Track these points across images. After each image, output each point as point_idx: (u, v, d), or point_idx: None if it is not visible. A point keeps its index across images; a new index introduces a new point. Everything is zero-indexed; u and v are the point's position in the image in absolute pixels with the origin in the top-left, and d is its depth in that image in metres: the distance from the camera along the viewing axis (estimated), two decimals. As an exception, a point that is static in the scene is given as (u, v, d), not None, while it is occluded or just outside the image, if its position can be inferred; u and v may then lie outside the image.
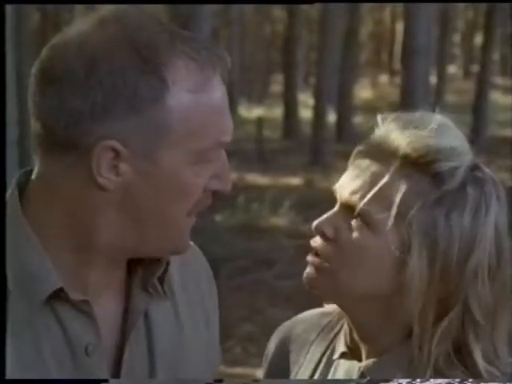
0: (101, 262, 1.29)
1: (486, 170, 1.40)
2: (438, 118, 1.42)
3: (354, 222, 1.39)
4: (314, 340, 1.55)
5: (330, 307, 1.57)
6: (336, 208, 1.44)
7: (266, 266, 9.23)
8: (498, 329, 1.39)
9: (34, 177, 1.29)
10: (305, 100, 23.44)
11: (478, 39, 29.64)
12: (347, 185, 1.41)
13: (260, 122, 18.49)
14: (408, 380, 1.36)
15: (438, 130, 1.39)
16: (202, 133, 1.22)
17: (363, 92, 29.72)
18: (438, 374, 1.36)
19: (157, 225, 1.26)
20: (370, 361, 1.42)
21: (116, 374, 1.31)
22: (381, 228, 1.36)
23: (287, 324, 1.61)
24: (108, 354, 1.31)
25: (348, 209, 1.40)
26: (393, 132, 1.40)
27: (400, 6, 21.36)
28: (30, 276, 1.24)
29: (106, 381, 1.25)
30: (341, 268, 1.39)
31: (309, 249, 1.45)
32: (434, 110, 1.46)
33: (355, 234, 1.38)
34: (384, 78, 36.89)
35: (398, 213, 1.35)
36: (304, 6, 24.35)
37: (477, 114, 19.18)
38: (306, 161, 16.70)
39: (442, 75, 23.15)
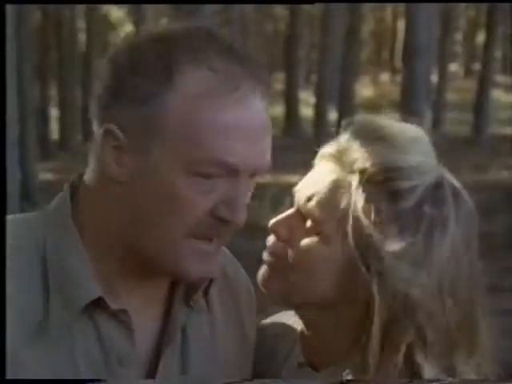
0: (136, 271, 1.28)
1: (452, 185, 1.36)
2: (408, 131, 1.38)
3: (306, 229, 1.38)
4: (275, 348, 1.52)
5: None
6: (293, 210, 1.43)
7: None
8: (460, 347, 1.34)
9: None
10: (306, 98, 23.44)
11: (480, 38, 29.64)
12: (305, 189, 1.40)
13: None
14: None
15: (403, 146, 1.35)
16: (196, 142, 1.18)
17: (364, 90, 29.70)
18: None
19: (154, 236, 1.22)
20: (327, 371, 1.40)
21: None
22: (331, 240, 1.35)
23: (258, 327, 1.56)
24: (142, 365, 1.30)
25: (303, 213, 1.40)
26: (355, 143, 1.37)
27: (401, 5, 21.34)
28: (71, 282, 1.25)
29: (105, 381, 1.25)
30: (290, 270, 1.38)
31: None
32: (435, 110, 1.43)
33: (306, 240, 1.37)
34: (385, 77, 36.87)
35: (350, 225, 1.32)
36: (305, 5, 24.32)
37: (478, 113, 19.17)
38: (306, 159, 16.67)
39: (443, 74, 23.11)
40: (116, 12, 27.57)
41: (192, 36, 1.23)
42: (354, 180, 1.34)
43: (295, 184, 1.48)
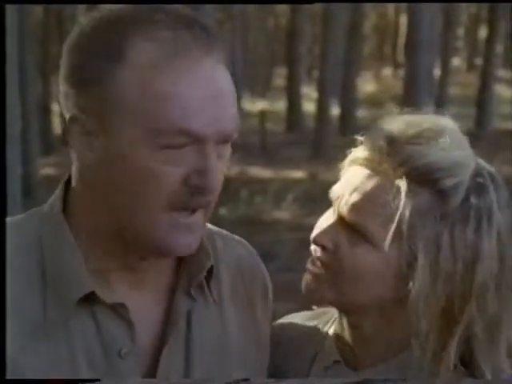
0: (130, 262, 1.29)
1: (489, 171, 1.38)
2: (443, 127, 1.38)
3: (354, 235, 1.37)
4: (300, 349, 1.52)
5: (317, 310, 1.56)
6: (334, 219, 1.41)
7: (268, 260, 9.22)
8: (501, 341, 1.37)
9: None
10: (308, 93, 23.43)
11: (482, 32, 29.59)
12: (346, 197, 1.39)
13: (263, 115, 18.48)
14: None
15: (443, 144, 1.36)
16: (157, 113, 1.18)
17: (367, 85, 29.68)
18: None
19: (133, 214, 1.23)
20: (366, 370, 1.41)
21: (151, 375, 1.30)
22: (382, 245, 1.35)
23: (273, 330, 1.54)
24: (144, 356, 1.30)
25: (347, 222, 1.38)
26: (395, 145, 1.36)
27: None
28: (65, 278, 1.25)
29: (98, 380, 1.25)
30: (340, 279, 1.38)
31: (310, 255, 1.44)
32: (437, 105, 1.44)
33: (356, 248, 1.37)
34: (387, 71, 36.82)
35: (400, 229, 1.33)
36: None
37: (480, 107, 19.15)
38: (309, 154, 16.68)
39: (445, 68, 23.09)
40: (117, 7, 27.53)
41: (140, 11, 1.24)
42: (402, 183, 1.33)
43: (297, 179, 1.47)
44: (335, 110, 19.46)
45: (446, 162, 1.34)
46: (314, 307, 1.57)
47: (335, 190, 1.42)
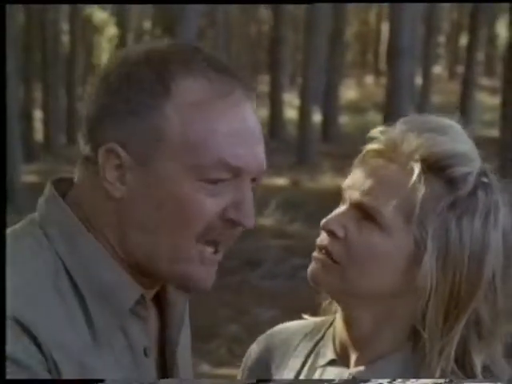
0: (141, 275, 1.29)
1: (492, 175, 1.42)
2: (450, 123, 1.43)
3: (365, 223, 1.39)
4: (294, 349, 1.53)
5: (311, 319, 1.57)
6: (345, 207, 1.43)
7: (251, 267, 9.23)
8: (499, 338, 1.39)
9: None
10: (290, 100, 23.47)
11: (463, 40, 29.75)
12: (358, 185, 1.41)
13: (246, 122, 18.45)
14: (388, 380, 1.36)
15: (453, 135, 1.40)
16: (199, 148, 1.22)
17: (349, 92, 29.77)
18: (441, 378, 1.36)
19: (161, 244, 1.24)
20: (362, 367, 1.42)
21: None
22: (393, 230, 1.37)
23: (266, 335, 1.59)
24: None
25: (358, 208, 1.40)
26: (410, 134, 1.40)
27: (385, 7, 21.40)
28: (110, 286, 1.26)
29: (102, 381, 1.25)
30: (349, 266, 1.39)
31: (316, 247, 1.45)
32: (418, 111, 1.47)
33: (366, 234, 1.39)
34: (369, 79, 36.96)
35: (412, 214, 1.36)
36: (290, 6, 24.36)
37: (462, 115, 19.24)
38: (291, 161, 16.71)
39: (427, 76, 23.21)
40: (99, 14, 27.50)
41: (181, 49, 1.28)
42: (416, 168, 1.37)
43: (280, 186, 1.48)
44: (317, 117, 19.52)
45: (457, 150, 1.38)
46: (306, 316, 1.57)
47: (347, 181, 1.44)
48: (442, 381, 1.35)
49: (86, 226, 1.27)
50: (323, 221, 1.43)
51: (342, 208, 1.43)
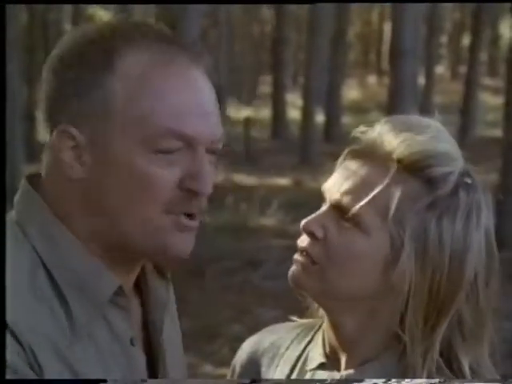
0: (118, 260, 1.29)
1: (475, 176, 1.40)
2: (431, 123, 1.42)
3: (344, 223, 1.38)
4: (284, 352, 1.53)
5: (299, 321, 1.56)
6: (325, 208, 1.43)
7: (253, 267, 9.22)
8: (484, 338, 1.39)
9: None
10: (293, 100, 23.45)
11: (466, 40, 29.72)
12: (338, 185, 1.41)
13: (248, 122, 18.49)
14: (383, 380, 1.36)
15: (433, 135, 1.39)
16: (147, 120, 1.22)
17: (351, 92, 29.74)
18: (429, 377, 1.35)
19: (131, 220, 1.24)
20: (351, 370, 1.41)
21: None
22: (372, 230, 1.36)
23: (254, 338, 1.59)
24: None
25: (338, 209, 1.40)
26: (388, 134, 1.39)
27: (388, 7, 21.39)
28: (87, 278, 1.25)
29: (105, 381, 1.25)
30: (329, 268, 1.39)
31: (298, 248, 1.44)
32: (421, 112, 1.46)
33: (345, 235, 1.38)
34: (372, 79, 36.93)
35: (389, 214, 1.35)
36: (292, 7, 24.36)
37: (465, 115, 19.23)
38: (294, 161, 16.70)
39: (429, 76, 23.19)
40: (103, 14, 27.51)
41: (127, 25, 1.29)
42: (393, 169, 1.36)
43: (282, 186, 1.48)
44: (320, 117, 19.49)
45: (436, 150, 1.37)
46: (295, 318, 1.57)
47: (328, 183, 1.44)
48: (436, 380, 1.35)
49: (59, 216, 1.27)
50: (303, 222, 1.43)
51: (322, 209, 1.43)
